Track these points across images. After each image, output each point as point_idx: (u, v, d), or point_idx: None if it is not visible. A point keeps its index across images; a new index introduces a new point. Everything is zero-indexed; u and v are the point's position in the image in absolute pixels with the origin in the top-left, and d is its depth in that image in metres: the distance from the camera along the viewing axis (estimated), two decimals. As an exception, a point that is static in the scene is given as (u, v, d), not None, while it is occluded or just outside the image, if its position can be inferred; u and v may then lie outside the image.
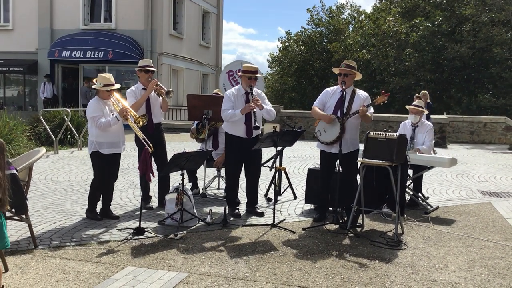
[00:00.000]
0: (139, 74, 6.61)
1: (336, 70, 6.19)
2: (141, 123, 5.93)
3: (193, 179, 7.70)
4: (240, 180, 6.53)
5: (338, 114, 5.94)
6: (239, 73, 6.70)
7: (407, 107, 7.67)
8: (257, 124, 6.12)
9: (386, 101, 6.05)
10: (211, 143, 7.66)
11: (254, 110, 6.07)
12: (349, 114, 5.94)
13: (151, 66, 6.63)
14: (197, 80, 25.33)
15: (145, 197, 6.63)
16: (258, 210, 6.49)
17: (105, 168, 5.98)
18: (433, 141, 7.48)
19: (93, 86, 6.01)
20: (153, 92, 6.48)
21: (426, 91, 14.24)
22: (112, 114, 5.90)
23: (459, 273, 4.62)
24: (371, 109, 6.04)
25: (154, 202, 6.86)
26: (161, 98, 6.58)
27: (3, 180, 3.52)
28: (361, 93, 6.17)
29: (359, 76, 6.17)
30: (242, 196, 6.92)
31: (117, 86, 6.04)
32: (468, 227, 6.23)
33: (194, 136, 7.82)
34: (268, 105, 6.41)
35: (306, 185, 7.04)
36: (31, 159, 4.98)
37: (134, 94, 6.48)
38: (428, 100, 13.96)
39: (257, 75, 6.39)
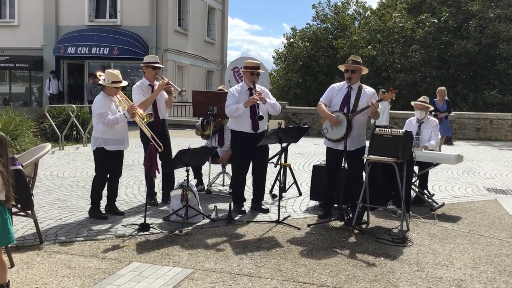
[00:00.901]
0: (145, 70, 6.58)
1: (342, 67, 6.13)
2: (145, 119, 5.96)
3: (198, 175, 7.70)
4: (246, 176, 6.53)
5: (345, 111, 5.91)
6: (241, 69, 6.66)
7: (412, 103, 7.64)
8: (261, 114, 6.04)
9: (394, 98, 6.04)
10: (216, 140, 7.65)
11: (258, 102, 6.05)
12: (357, 111, 5.90)
13: (158, 63, 6.61)
14: (202, 77, 25.34)
15: (150, 193, 6.64)
16: (263, 207, 6.49)
17: (107, 164, 5.98)
18: (440, 137, 7.44)
19: (100, 82, 5.98)
20: None
21: (444, 87, 13.85)
22: (119, 112, 5.90)
23: (465, 270, 4.60)
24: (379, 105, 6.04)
25: (159, 198, 6.87)
26: (167, 95, 6.58)
27: (7, 176, 3.52)
28: (368, 89, 6.12)
29: (365, 71, 6.12)
30: (247, 193, 6.92)
31: (125, 83, 6.03)
32: (474, 224, 6.20)
33: (199, 133, 7.82)
34: (272, 100, 6.38)
35: (311, 181, 7.02)
36: (36, 155, 4.98)
37: (141, 90, 6.47)
38: (446, 97, 13.47)
39: (259, 71, 6.36)
